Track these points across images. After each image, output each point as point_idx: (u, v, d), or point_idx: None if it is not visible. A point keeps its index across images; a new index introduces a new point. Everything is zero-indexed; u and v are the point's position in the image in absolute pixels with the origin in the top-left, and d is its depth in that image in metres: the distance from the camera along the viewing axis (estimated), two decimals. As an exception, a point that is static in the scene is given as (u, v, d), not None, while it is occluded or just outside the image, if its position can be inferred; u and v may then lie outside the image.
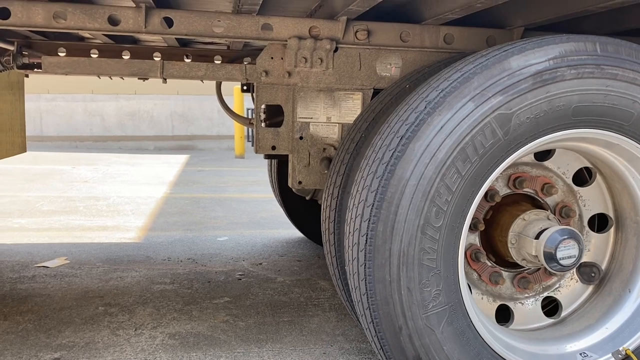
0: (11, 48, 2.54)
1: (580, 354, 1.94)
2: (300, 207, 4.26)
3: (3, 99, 3.76)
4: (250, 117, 4.97)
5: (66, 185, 6.90)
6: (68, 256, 3.88)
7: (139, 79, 2.69)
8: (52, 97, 12.04)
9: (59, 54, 3.02)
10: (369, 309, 1.72)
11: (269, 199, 5.86)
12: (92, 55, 3.06)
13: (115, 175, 7.87)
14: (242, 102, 9.92)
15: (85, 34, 3.02)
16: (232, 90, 9.71)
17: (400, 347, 1.71)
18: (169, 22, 2.26)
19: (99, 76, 2.59)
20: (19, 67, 2.45)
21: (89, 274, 3.51)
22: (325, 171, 2.46)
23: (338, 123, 2.47)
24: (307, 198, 3.49)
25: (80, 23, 2.19)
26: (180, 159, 10.28)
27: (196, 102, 12.53)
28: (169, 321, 2.81)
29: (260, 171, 8.43)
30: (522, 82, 1.67)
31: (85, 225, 4.86)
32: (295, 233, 4.60)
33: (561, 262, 1.84)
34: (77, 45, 3.14)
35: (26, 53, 2.47)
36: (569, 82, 1.70)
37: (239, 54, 3.36)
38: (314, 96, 2.44)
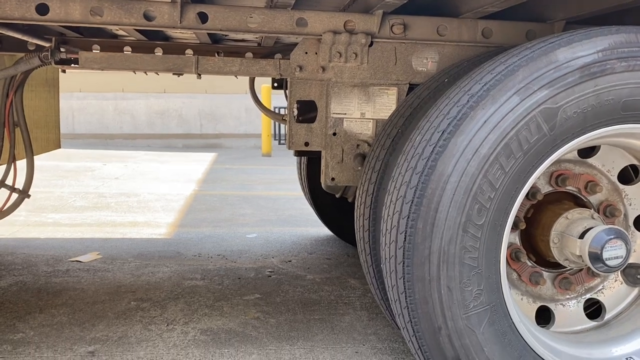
0: (48, 44, 2.57)
1: (627, 359, 1.86)
2: (329, 205, 4.23)
3: (39, 96, 3.83)
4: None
5: (97, 182, 7.01)
6: (100, 251, 3.92)
7: (173, 74, 2.70)
8: (83, 95, 12.27)
9: (93, 50, 3.04)
10: (407, 308, 1.68)
11: (297, 196, 5.84)
12: (125, 51, 3.08)
13: (145, 173, 7.96)
14: (269, 101, 9.95)
15: (119, 31, 3.04)
16: (260, 88, 9.74)
17: (439, 348, 1.66)
18: (203, 17, 2.26)
19: (134, 71, 2.60)
20: (56, 63, 2.48)
21: (120, 268, 3.54)
22: (359, 168, 2.43)
23: (372, 119, 2.43)
24: (337, 196, 3.46)
25: (117, 18, 2.20)
26: (208, 157, 10.36)
27: (224, 100, 12.62)
28: (201, 317, 2.81)
29: (287, 169, 8.43)
30: (569, 75, 1.61)
31: (116, 221, 4.92)
32: (324, 231, 4.57)
33: (607, 262, 1.77)
34: (110, 42, 3.17)
35: (63, 49, 2.50)
36: (619, 75, 1.63)
37: (270, 51, 3.35)
38: (348, 92, 2.40)
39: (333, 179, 2.46)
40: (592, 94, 1.63)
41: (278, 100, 10.36)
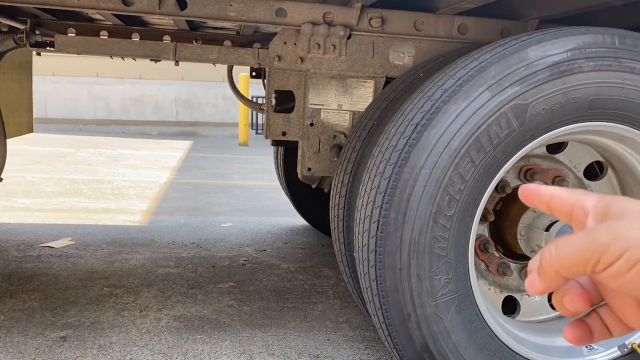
0: (23, 27, 2.53)
1: (587, 347, 1.94)
2: (305, 195, 4.27)
3: (11, 78, 3.75)
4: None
5: (70, 168, 6.91)
6: (73, 237, 3.89)
7: (150, 60, 2.68)
8: (57, 79, 12.01)
9: (69, 34, 3.00)
10: (378, 296, 1.72)
11: (273, 186, 5.86)
12: (101, 36, 3.05)
13: (119, 159, 7.87)
14: (247, 90, 9.90)
15: (95, 15, 3.00)
16: (238, 77, 9.67)
17: (408, 334, 1.72)
18: (182, 4, 2.25)
19: (111, 56, 2.57)
20: (31, 45, 2.45)
21: (93, 255, 3.52)
22: (335, 159, 2.46)
23: (349, 111, 2.47)
24: (313, 186, 3.49)
25: (94, 2, 2.18)
26: (184, 145, 10.28)
27: (201, 88, 12.51)
28: (174, 304, 2.82)
29: (263, 159, 8.42)
30: (539, 72, 1.66)
31: (89, 207, 4.87)
32: (299, 221, 4.61)
33: (571, 254, 1.84)
34: (86, 26, 3.12)
35: (38, 32, 2.46)
36: (586, 74, 1.69)
37: (249, 40, 3.34)
38: (326, 83, 2.43)
39: (309, 169, 2.49)
40: (561, 92, 1.69)
41: (256, 89, 10.32)
